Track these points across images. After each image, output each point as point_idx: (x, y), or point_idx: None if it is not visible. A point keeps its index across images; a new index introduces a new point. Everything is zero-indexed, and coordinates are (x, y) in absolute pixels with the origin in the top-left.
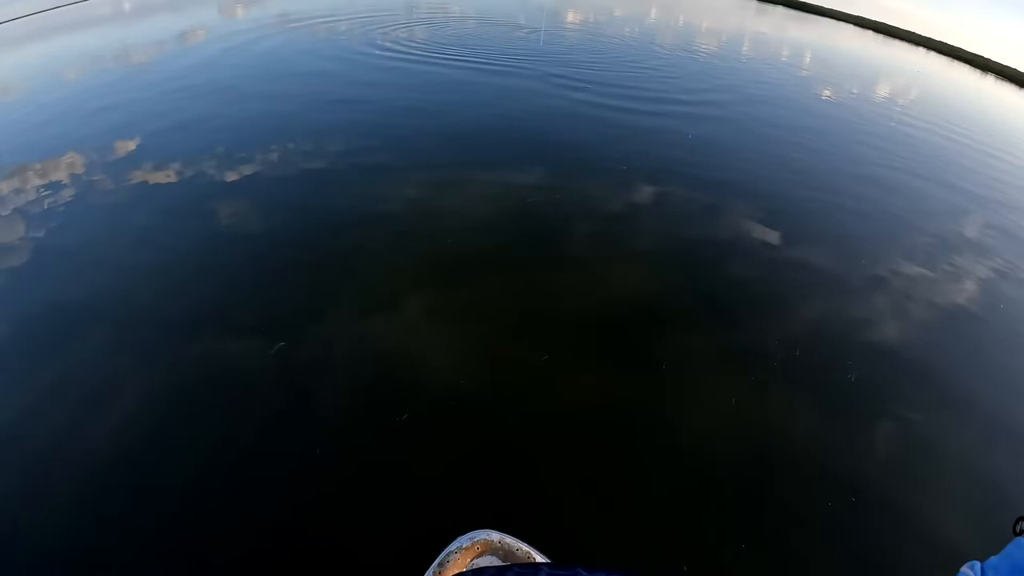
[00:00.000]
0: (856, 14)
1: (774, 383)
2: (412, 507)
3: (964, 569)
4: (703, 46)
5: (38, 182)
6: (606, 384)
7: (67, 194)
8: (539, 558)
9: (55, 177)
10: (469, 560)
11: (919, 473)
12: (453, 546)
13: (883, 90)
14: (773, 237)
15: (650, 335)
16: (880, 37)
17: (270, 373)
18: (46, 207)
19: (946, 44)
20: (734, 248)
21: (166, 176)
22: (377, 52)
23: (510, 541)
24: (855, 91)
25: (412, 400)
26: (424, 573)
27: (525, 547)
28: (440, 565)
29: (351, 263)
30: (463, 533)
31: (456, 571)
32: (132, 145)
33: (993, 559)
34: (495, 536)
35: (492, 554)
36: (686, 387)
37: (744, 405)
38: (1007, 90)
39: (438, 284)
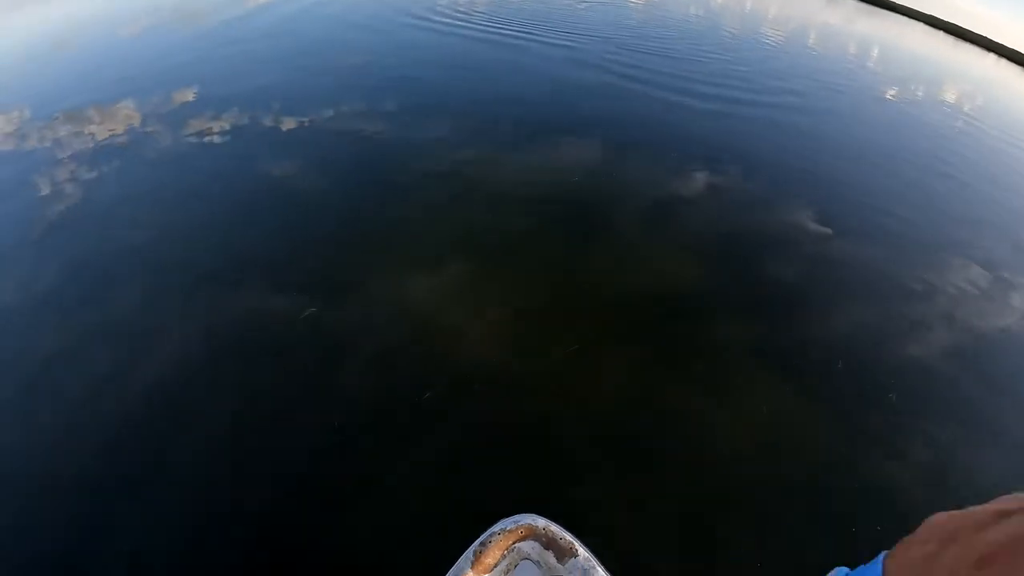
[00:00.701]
0: (929, 13)
1: (811, 396)
2: (431, 488)
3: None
4: (770, 34)
5: (92, 130)
6: (636, 379)
7: (119, 143)
8: (582, 549)
9: (109, 126)
10: (511, 543)
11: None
12: (496, 527)
13: (950, 94)
14: (825, 236)
15: (687, 331)
16: (951, 39)
17: (303, 335)
18: (99, 155)
19: (1019, 52)
20: (783, 245)
21: (219, 130)
22: (438, 22)
23: (555, 529)
24: (920, 93)
25: (437, 378)
26: (464, 552)
27: (569, 537)
28: (482, 544)
29: (391, 231)
30: (507, 516)
31: (497, 552)
32: (188, 96)
33: (861, 568)
34: (540, 522)
35: (535, 539)
36: (719, 392)
37: (777, 417)
38: None
39: (475, 260)
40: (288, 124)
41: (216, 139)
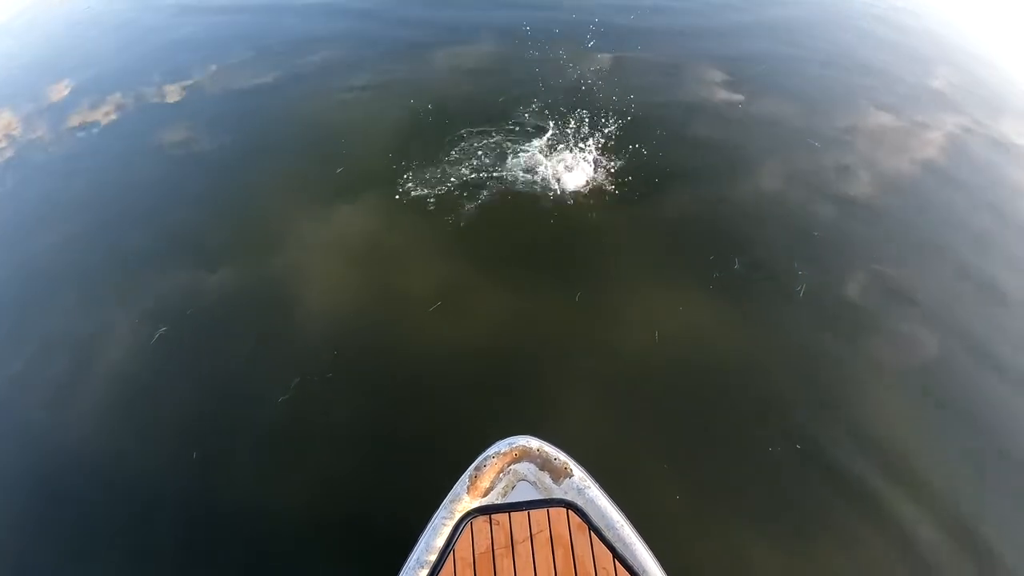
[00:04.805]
0: None
1: (715, 288)
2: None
3: None
4: None
5: None
6: (525, 303)
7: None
8: (576, 469)
9: None
10: (506, 464)
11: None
12: (491, 450)
13: None
14: (734, 101)
15: (576, 245)
16: None
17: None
18: None
19: None
20: (694, 117)
21: (105, 115)
22: None
23: (548, 449)
24: None
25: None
26: (460, 477)
27: (563, 457)
28: (477, 468)
29: (283, 183)
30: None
31: (493, 474)
32: (64, 90)
33: None
34: (534, 443)
35: (530, 460)
36: (617, 308)
37: (685, 311)
38: None
39: (365, 206)
40: (175, 89)
41: (106, 122)
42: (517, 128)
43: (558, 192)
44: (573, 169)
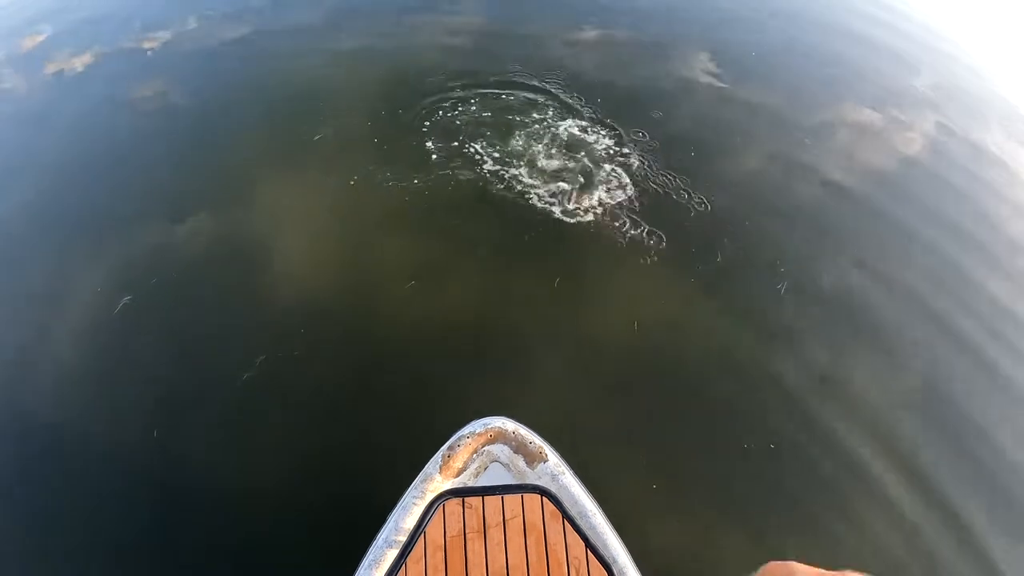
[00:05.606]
0: None
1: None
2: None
3: None
4: None
5: None
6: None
7: None
8: (551, 455)
9: None
10: (480, 444)
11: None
12: (466, 430)
13: None
14: (718, 88)
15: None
16: None
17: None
18: None
19: None
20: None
21: (83, 65)
22: None
23: (524, 432)
24: None
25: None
26: (432, 456)
27: (538, 441)
28: (450, 448)
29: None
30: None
31: (466, 455)
32: (40, 38)
33: None
34: (510, 425)
35: (504, 442)
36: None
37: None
38: None
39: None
40: (156, 41)
41: (83, 73)
42: (506, 103)
43: (539, 176)
44: (557, 154)
